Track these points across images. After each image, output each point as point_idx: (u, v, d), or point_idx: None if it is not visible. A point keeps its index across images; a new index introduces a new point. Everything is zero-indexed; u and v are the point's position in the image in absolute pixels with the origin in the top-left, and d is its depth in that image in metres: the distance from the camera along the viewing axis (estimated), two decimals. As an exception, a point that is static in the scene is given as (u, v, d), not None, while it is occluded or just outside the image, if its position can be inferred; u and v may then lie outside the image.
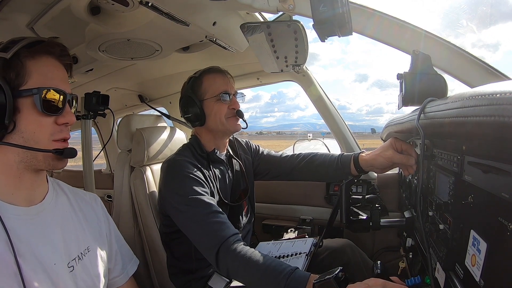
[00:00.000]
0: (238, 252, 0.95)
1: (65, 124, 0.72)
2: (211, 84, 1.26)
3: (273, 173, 1.47)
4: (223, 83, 1.27)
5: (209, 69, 1.31)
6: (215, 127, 1.26)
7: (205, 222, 1.04)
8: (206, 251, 1.03)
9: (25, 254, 0.65)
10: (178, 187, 1.11)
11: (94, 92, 1.60)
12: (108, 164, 2.72)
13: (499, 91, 0.39)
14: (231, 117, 1.27)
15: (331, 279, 0.81)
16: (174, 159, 1.20)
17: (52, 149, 0.69)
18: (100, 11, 1.06)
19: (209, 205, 1.07)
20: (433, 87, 0.84)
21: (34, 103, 0.66)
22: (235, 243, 0.98)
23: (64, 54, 0.73)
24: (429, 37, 0.91)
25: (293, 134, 48.98)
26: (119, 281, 0.93)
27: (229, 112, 1.26)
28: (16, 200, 0.69)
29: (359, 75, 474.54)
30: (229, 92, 1.27)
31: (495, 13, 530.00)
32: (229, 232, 1.01)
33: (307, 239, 1.35)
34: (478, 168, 0.56)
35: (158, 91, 2.15)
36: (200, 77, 1.28)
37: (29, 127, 0.67)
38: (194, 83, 1.28)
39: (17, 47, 0.66)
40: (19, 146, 0.66)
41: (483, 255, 0.51)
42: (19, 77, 0.66)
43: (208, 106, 1.25)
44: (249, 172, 1.45)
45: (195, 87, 1.27)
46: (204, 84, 1.26)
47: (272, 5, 1.00)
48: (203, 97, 1.26)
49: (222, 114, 1.25)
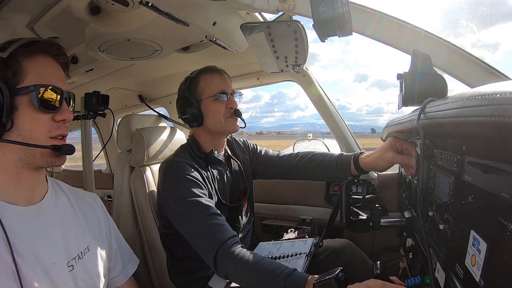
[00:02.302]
0: (236, 255, 0.95)
1: (63, 121, 0.72)
2: (208, 83, 1.25)
3: (271, 172, 1.46)
4: (220, 83, 1.26)
5: (206, 69, 1.29)
6: (213, 127, 1.25)
7: (203, 224, 1.03)
8: (204, 253, 1.03)
9: (24, 253, 0.65)
10: (176, 189, 1.10)
11: (94, 92, 1.60)
12: (108, 164, 2.72)
13: (499, 91, 0.39)
14: (230, 117, 1.26)
15: (331, 279, 0.81)
16: (172, 160, 1.19)
17: (49, 145, 0.69)
18: (100, 11, 1.06)
19: (207, 207, 1.06)
20: (433, 87, 0.84)
21: (31, 100, 0.67)
22: (233, 245, 0.98)
23: (60, 54, 0.74)
24: (429, 37, 0.91)
25: (293, 134, 48.96)
26: (119, 280, 0.93)
27: (227, 112, 1.25)
28: (15, 199, 0.69)
29: (359, 75, 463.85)
30: (226, 92, 1.25)
31: (495, 13, 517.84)
32: (227, 234, 1.01)
33: (307, 239, 1.35)
34: (478, 168, 0.56)
35: (158, 91, 2.14)
36: (197, 77, 1.26)
37: (27, 125, 0.67)
38: (190, 83, 1.26)
39: (14, 47, 0.67)
40: (17, 142, 0.66)
41: (483, 255, 0.51)
42: (16, 76, 0.67)
43: (205, 107, 1.23)
44: (248, 172, 1.44)
45: (192, 87, 1.25)
46: (201, 84, 1.25)
47: (272, 5, 1.00)
48: (200, 97, 1.24)
49: (220, 114, 1.23)
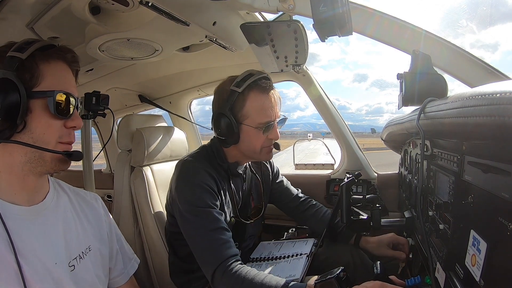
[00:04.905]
0: (234, 273, 0.96)
1: (73, 128, 0.73)
2: (255, 109, 1.10)
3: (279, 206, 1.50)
4: (269, 112, 1.11)
5: (256, 85, 1.10)
6: (247, 152, 1.17)
7: (208, 237, 1.03)
8: (204, 266, 1.04)
9: (26, 253, 0.66)
10: (190, 195, 1.07)
11: (94, 92, 1.60)
12: (108, 164, 2.71)
13: (499, 91, 0.39)
14: (266, 147, 1.15)
15: (333, 279, 0.81)
16: (190, 163, 1.14)
17: (62, 151, 0.70)
18: (100, 11, 1.06)
19: (216, 220, 1.05)
20: (433, 87, 0.84)
21: (47, 105, 0.67)
22: (232, 264, 0.99)
23: (74, 61, 0.75)
24: (429, 37, 0.92)
25: (293, 134, 49.16)
26: (119, 280, 0.93)
27: (266, 143, 1.14)
28: (18, 199, 0.69)
29: (359, 75, 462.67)
30: (272, 122, 1.12)
31: (495, 13, 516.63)
32: (229, 253, 1.01)
33: (308, 240, 1.36)
34: (478, 168, 0.56)
35: (158, 91, 2.14)
36: (244, 94, 1.09)
37: (39, 128, 0.68)
38: (235, 99, 1.09)
39: (33, 49, 0.67)
40: (31, 145, 0.66)
41: (483, 255, 0.51)
42: (33, 78, 0.67)
43: (245, 131, 1.11)
44: (267, 191, 1.42)
45: (236, 106, 1.10)
46: (247, 105, 1.09)
47: (272, 5, 1.00)
48: (242, 120, 1.10)
49: (258, 144, 1.13)
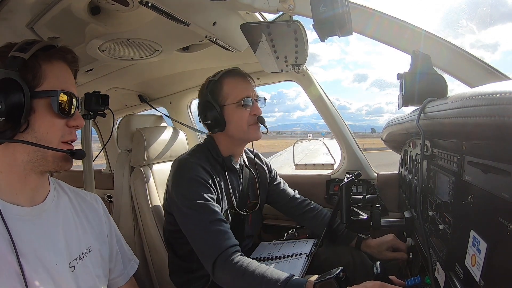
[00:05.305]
0: (235, 263, 0.96)
1: (75, 127, 0.74)
2: (232, 88, 1.20)
3: (276, 206, 1.51)
4: (245, 88, 1.22)
5: (229, 71, 1.24)
6: (236, 134, 1.22)
7: (207, 229, 1.04)
8: (204, 258, 1.04)
9: (27, 254, 0.66)
10: (186, 189, 1.10)
11: (94, 92, 1.60)
12: (108, 164, 2.71)
13: (499, 91, 0.39)
14: (253, 125, 1.22)
15: (332, 279, 0.81)
16: (186, 159, 1.18)
17: (66, 150, 0.71)
18: (100, 11, 1.06)
19: (213, 212, 1.06)
20: (433, 87, 0.84)
21: (50, 104, 0.68)
22: (232, 254, 0.99)
23: (74, 61, 0.76)
24: (429, 37, 0.92)
25: (293, 134, 48.96)
26: (119, 281, 0.93)
27: (250, 119, 1.21)
28: (19, 200, 0.69)
29: (359, 75, 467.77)
30: (251, 97, 1.21)
31: (495, 13, 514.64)
32: (229, 243, 1.02)
33: (308, 240, 1.36)
34: (478, 168, 0.56)
35: (158, 91, 2.14)
36: (220, 81, 1.21)
37: (42, 128, 0.68)
38: (213, 87, 1.21)
39: (35, 49, 0.68)
40: (36, 144, 0.66)
41: (483, 255, 0.51)
42: (36, 78, 0.68)
43: (228, 113, 1.19)
44: (263, 187, 1.43)
45: (215, 92, 1.20)
46: (224, 88, 1.20)
47: (272, 5, 1.00)
48: (223, 103, 1.20)
49: (244, 122, 1.20)
